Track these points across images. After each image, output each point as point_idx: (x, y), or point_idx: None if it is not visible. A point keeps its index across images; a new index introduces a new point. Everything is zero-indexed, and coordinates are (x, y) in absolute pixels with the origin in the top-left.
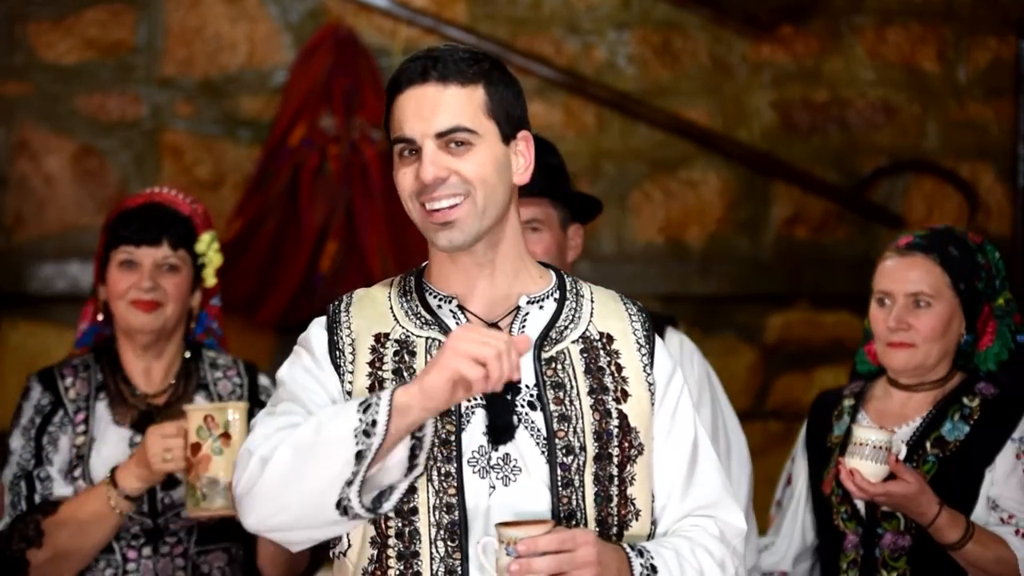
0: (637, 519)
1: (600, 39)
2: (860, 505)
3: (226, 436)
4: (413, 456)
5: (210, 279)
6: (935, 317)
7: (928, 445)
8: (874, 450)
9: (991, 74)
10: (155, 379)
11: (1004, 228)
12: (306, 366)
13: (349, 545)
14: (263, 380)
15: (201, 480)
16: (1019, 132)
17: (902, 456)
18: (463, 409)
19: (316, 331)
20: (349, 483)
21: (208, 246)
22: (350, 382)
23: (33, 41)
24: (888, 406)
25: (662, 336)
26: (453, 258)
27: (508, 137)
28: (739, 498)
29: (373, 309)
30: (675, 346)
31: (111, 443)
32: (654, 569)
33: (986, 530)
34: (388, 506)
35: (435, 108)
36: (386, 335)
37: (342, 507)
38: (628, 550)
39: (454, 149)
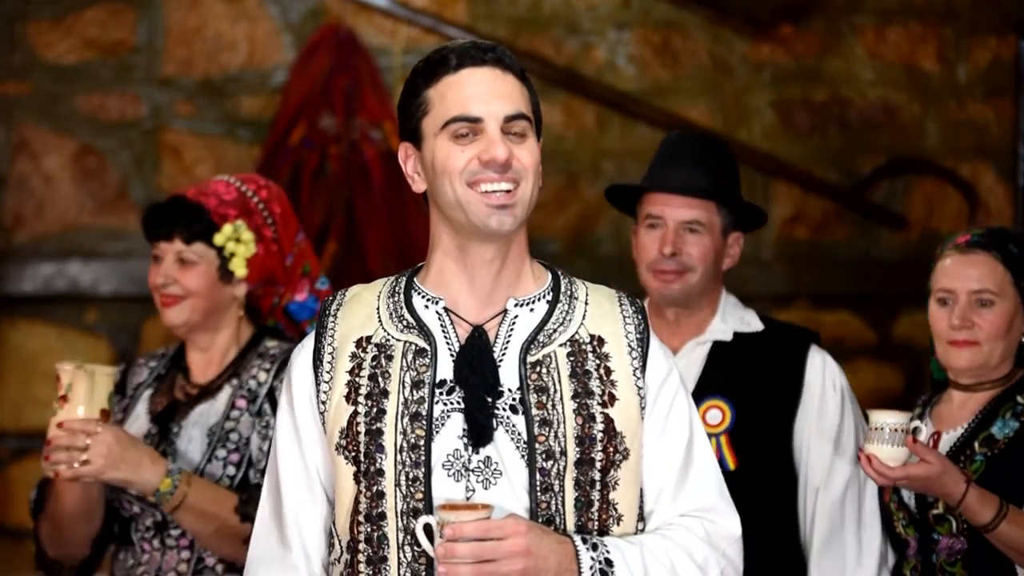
0: (619, 524)
1: (600, 39)
2: (914, 509)
3: (64, 399)
4: None
5: (239, 270)
6: (999, 315)
7: (976, 444)
8: (892, 433)
9: (991, 74)
10: (208, 372)
11: None
12: (290, 431)
13: (341, 552)
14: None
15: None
16: (1019, 132)
17: (923, 436)
18: (437, 413)
19: (298, 364)
20: None
21: (228, 239)
22: (326, 392)
23: (33, 41)
24: (946, 409)
25: (805, 355)
26: (463, 254)
27: (539, 138)
28: (876, 535)
29: (360, 311)
30: (817, 367)
31: (132, 432)
32: (609, 563)
33: (1021, 511)
34: None
35: (501, 92)
36: (368, 339)
37: None
38: (577, 543)
39: (511, 138)
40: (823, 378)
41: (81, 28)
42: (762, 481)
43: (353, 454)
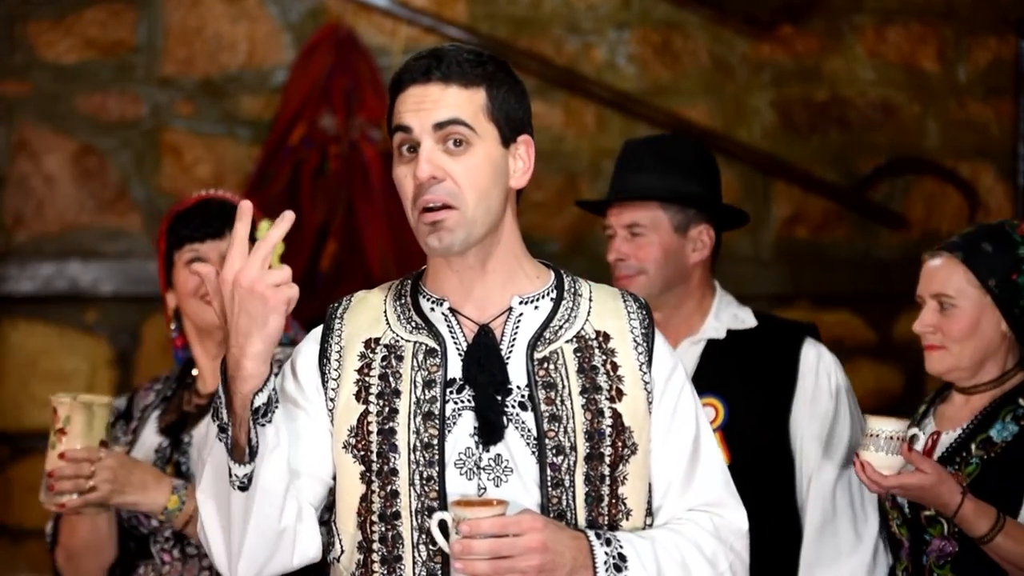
0: (628, 519)
1: (600, 39)
2: (907, 510)
3: (62, 432)
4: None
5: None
6: (960, 318)
7: (973, 447)
8: (888, 441)
9: (991, 74)
10: (218, 380)
11: None
12: (287, 391)
13: (342, 551)
14: None
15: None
16: (1019, 132)
17: (919, 445)
18: (448, 412)
19: (306, 347)
20: (231, 459)
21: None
22: (334, 389)
23: (33, 41)
24: (948, 409)
25: (799, 348)
26: (448, 260)
27: (508, 140)
28: (871, 516)
29: (367, 314)
30: (811, 360)
31: (142, 451)
32: (623, 558)
33: (1020, 525)
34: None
35: (436, 103)
36: (377, 340)
37: (236, 482)
38: (591, 538)
39: (451, 149)
40: (816, 370)
41: (81, 28)
42: (756, 475)
43: (362, 453)
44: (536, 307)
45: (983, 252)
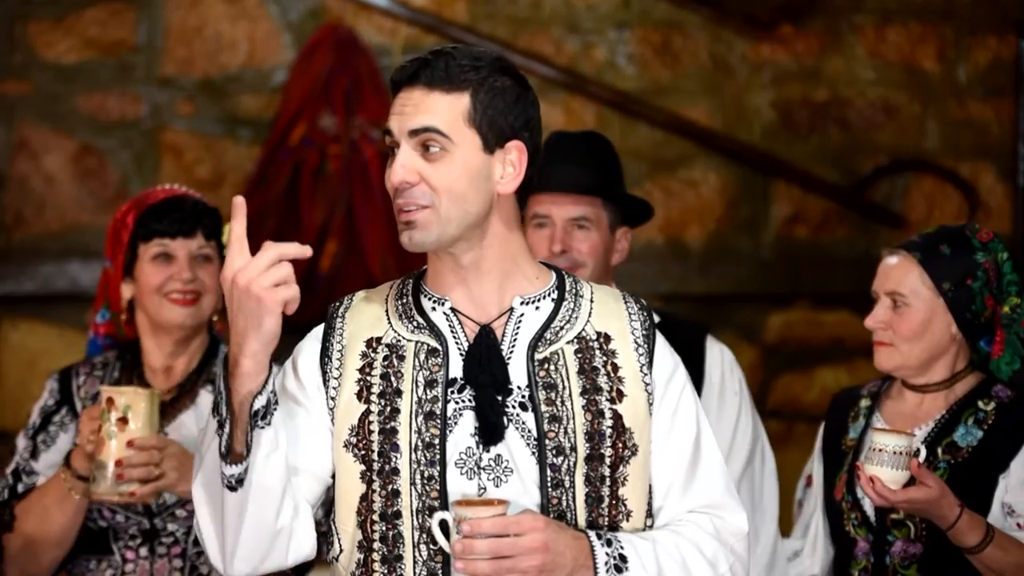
0: (628, 520)
1: (600, 39)
2: (870, 511)
3: (123, 421)
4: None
5: None
6: (911, 317)
7: (939, 451)
8: (894, 456)
9: (991, 74)
10: (175, 375)
11: (1004, 228)
12: (287, 388)
13: (341, 550)
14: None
15: (95, 462)
16: (1019, 132)
17: (921, 458)
18: (450, 412)
19: (308, 345)
20: (223, 456)
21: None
22: (335, 388)
23: (33, 41)
24: (901, 407)
25: (703, 344)
26: (441, 259)
27: (492, 147)
28: (770, 512)
29: (369, 313)
30: (716, 355)
31: None
32: (623, 559)
33: (1006, 534)
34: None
35: (416, 109)
36: (378, 339)
37: (225, 481)
38: (592, 538)
39: (429, 154)
40: (722, 366)
41: (81, 28)
42: None
43: (363, 453)
44: (537, 308)
45: (940, 254)
